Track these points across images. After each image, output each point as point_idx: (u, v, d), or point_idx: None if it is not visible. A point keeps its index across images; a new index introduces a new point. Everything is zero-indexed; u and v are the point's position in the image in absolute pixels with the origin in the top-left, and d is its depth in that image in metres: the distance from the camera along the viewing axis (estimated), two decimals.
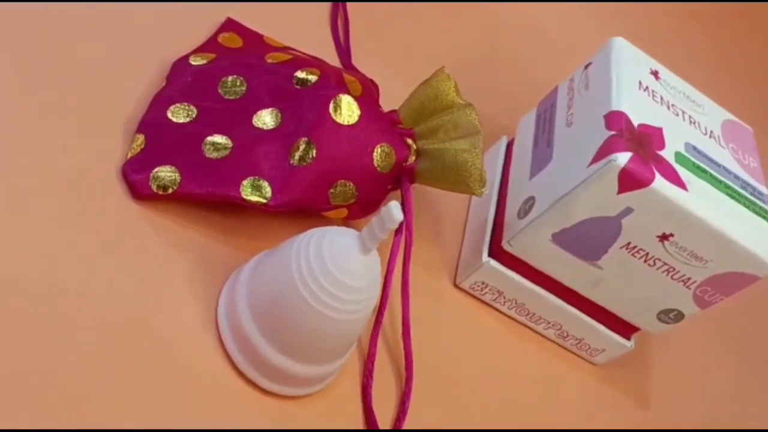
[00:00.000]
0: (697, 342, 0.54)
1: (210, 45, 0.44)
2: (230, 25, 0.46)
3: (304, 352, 0.34)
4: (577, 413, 0.45)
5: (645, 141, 0.39)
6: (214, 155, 0.37)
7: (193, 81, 0.41)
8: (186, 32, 0.45)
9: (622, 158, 0.37)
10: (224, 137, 0.38)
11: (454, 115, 0.41)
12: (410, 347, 0.39)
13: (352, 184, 0.38)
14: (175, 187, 0.37)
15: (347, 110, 0.38)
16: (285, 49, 0.46)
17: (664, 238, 0.39)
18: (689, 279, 0.41)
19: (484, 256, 0.44)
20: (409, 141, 0.41)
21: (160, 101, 0.40)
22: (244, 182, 0.37)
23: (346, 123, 0.38)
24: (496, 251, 0.44)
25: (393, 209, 0.30)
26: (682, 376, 0.51)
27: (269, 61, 0.41)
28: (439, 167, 0.40)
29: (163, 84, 0.41)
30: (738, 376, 0.54)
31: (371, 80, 0.47)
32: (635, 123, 0.39)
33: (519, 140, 0.49)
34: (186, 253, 0.37)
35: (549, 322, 0.46)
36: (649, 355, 0.51)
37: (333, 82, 0.39)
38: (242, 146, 0.38)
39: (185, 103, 0.39)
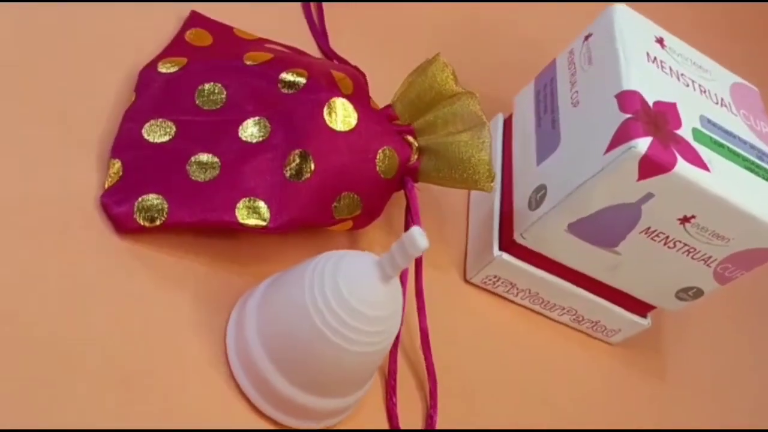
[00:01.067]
0: (711, 313, 0.53)
1: (177, 46, 0.40)
2: (195, 19, 0.42)
3: (323, 386, 0.32)
4: (600, 396, 0.43)
5: (661, 121, 0.36)
6: (201, 177, 0.34)
7: (166, 92, 0.37)
8: (148, 33, 0.41)
9: (642, 144, 0.35)
10: (209, 155, 0.35)
11: (454, 106, 0.38)
12: (431, 358, 0.37)
13: (356, 195, 0.35)
14: (163, 218, 0.33)
15: (343, 115, 0.35)
16: (259, 42, 0.42)
17: (685, 220, 0.37)
18: (710, 258, 0.39)
19: (495, 251, 0.41)
20: (410, 138, 0.38)
21: (132, 118, 0.36)
22: (239, 204, 0.34)
23: (343, 129, 0.35)
24: (507, 244, 0.42)
25: (417, 237, 0.27)
26: (698, 349, 0.50)
27: (248, 62, 0.37)
28: (443, 164, 0.37)
29: (133, 98, 0.37)
30: (755, 346, 0.53)
31: (357, 70, 0.44)
32: (650, 102, 0.37)
33: (518, 119, 0.46)
34: (183, 287, 0.34)
35: (564, 308, 0.44)
36: (664, 330, 0.50)
37: (323, 82, 0.36)
38: (231, 163, 0.34)
39: (160, 119, 0.36)
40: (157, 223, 0.33)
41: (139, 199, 0.33)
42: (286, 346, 0.31)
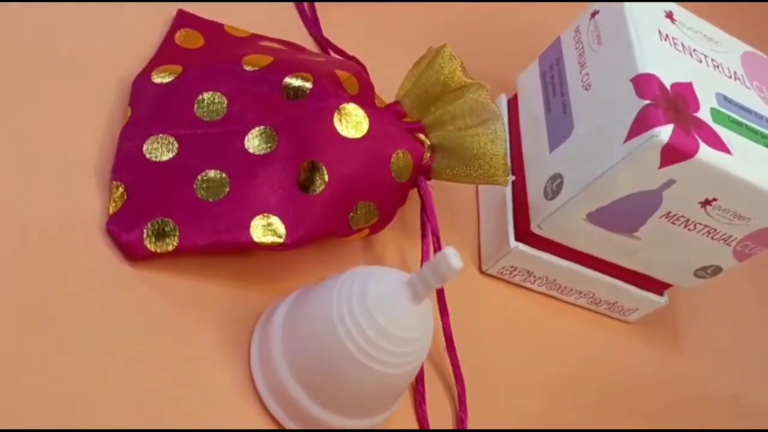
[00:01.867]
0: (725, 286, 0.53)
1: (168, 50, 0.38)
2: (183, 19, 0.40)
3: (350, 407, 0.31)
4: (623, 374, 0.43)
5: (681, 104, 0.35)
6: (211, 197, 0.32)
7: (163, 104, 0.35)
8: (134, 37, 0.39)
9: (665, 133, 0.33)
10: (216, 171, 0.33)
11: (465, 99, 0.36)
12: (458, 362, 0.37)
13: (372, 203, 0.34)
14: (175, 243, 0.32)
15: (354, 121, 0.33)
16: (253, 40, 0.40)
17: (706, 203, 0.36)
18: (730, 237, 0.39)
19: (512, 242, 0.41)
20: (422, 137, 0.36)
21: (130, 136, 0.34)
22: (253, 223, 0.32)
23: (355, 136, 0.33)
24: (523, 234, 0.41)
25: (451, 258, 0.26)
26: (714, 321, 0.50)
27: (248, 68, 0.35)
28: (457, 161, 0.36)
29: (129, 112, 0.35)
30: None
31: (356, 61, 0.42)
32: (667, 84, 0.35)
33: (524, 101, 0.45)
34: (201, 311, 0.32)
35: (581, 292, 0.44)
36: (678, 304, 0.49)
37: (329, 86, 0.34)
38: (240, 179, 0.33)
39: (161, 135, 0.34)
40: (170, 248, 0.32)
41: (148, 224, 0.32)
42: (312, 367, 0.30)
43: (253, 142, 0.34)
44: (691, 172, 0.35)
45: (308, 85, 0.34)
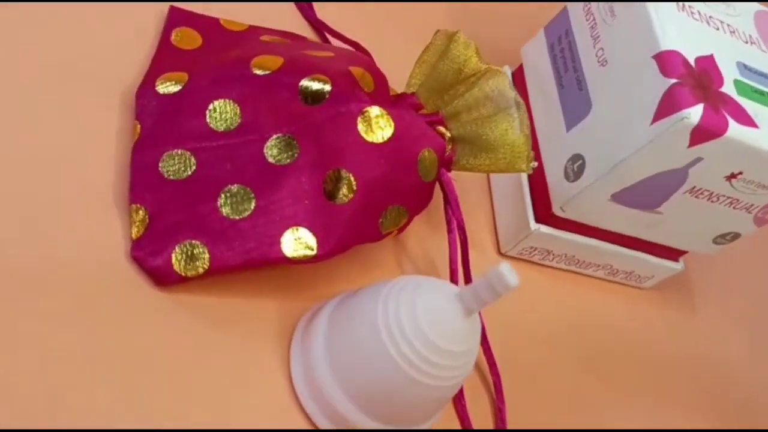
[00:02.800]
0: (737, 247, 0.53)
1: (165, 53, 0.36)
2: (177, 17, 0.38)
3: (394, 416, 0.31)
4: (645, 340, 0.44)
5: (706, 81, 0.34)
6: (237, 214, 0.31)
7: (173, 116, 0.33)
8: (127, 39, 0.36)
9: (695, 114, 0.33)
10: (239, 185, 0.32)
11: (483, 86, 0.35)
12: (491, 353, 0.36)
13: (401, 206, 0.33)
14: (206, 265, 0.31)
15: (379, 125, 0.32)
16: (252, 34, 0.38)
17: (732, 177, 0.36)
18: (752, 205, 0.39)
19: (532, 225, 0.40)
20: (442, 129, 0.35)
21: (143, 153, 0.32)
22: (284, 238, 0.31)
23: (380, 141, 0.32)
24: (543, 216, 0.40)
25: (506, 274, 0.25)
26: (727, 284, 0.51)
27: (258, 71, 0.33)
28: (479, 152, 0.35)
29: (137, 127, 0.33)
30: None
31: (361, 48, 0.40)
32: (690, 60, 0.35)
33: (531, 75, 0.44)
34: (237, 328, 0.32)
35: (599, 265, 0.44)
36: (691, 268, 0.50)
37: (348, 87, 0.33)
38: (264, 192, 0.32)
39: (175, 150, 0.32)
40: (200, 271, 0.31)
41: (176, 248, 0.31)
42: (358, 379, 0.30)
43: (272, 151, 0.32)
44: (719, 150, 0.34)
45: (327, 87, 0.32)
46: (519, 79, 0.45)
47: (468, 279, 0.36)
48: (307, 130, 0.32)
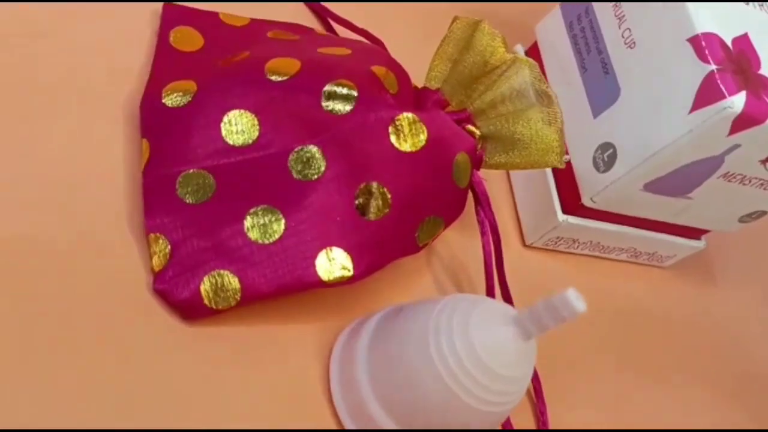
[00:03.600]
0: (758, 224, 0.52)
1: (166, 56, 0.33)
2: (173, 15, 0.35)
3: None
4: (670, 317, 0.43)
5: (745, 64, 0.33)
6: (267, 239, 0.29)
7: (185, 132, 0.31)
8: (122, 42, 0.33)
9: (738, 102, 0.31)
10: (265, 206, 0.30)
11: (511, 79, 0.33)
12: None
13: (438, 217, 0.31)
14: (237, 297, 0.29)
15: (412, 132, 0.30)
16: (254, 27, 0.36)
17: (767, 160, 0.35)
18: None
19: (560, 216, 0.39)
20: (471, 128, 0.33)
21: (157, 174, 0.30)
22: (318, 261, 0.29)
23: (414, 149, 0.30)
24: (571, 206, 0.39)
25: (573, 301, 0.24)
26: (746, 259, 0.50)
27: (274, 78, 0.31)
28: (511, 149, 0.33)
29: (145, 146, 0.30)
30: None
31: (375, 39, 0.38)
32: (728, 43, 0.33)
33: (549, 56, 0.41)
34: (273, 357, 0.30)
35: (623, 249, 0.42)
36: (710, 243, 0.49)
37: (374, 91, 0.30)
38: (293, 211, 0.30)
39: (192, 170, 0.30)
40: (233, 303, 0.29)
41: (204, 279, 0.28)
42: (402, 396, 0.28)
43: (297, 165, 0.30)
44: (759, 136, 0.33)
45: (353, 93, 0.30)
46: (534, 58, 0.43)
47: (503, 283, 0.35)
48: (333, 140, 0.30)
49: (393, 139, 0.30)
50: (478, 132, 0.33)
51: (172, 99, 0.31)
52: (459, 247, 0.37)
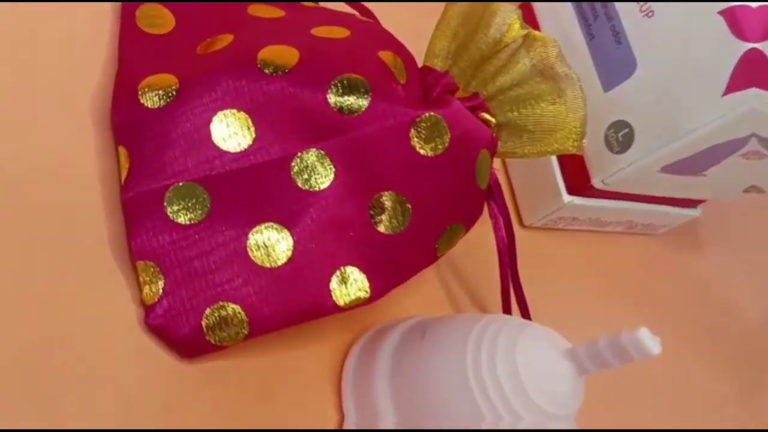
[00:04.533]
0: None
1: (134, 42, 0.28)
2: None
3: None
4: (666, 281, 0.43)
5: None
6: (273, 262, 0.26)
7: (170, 138, 0.26)
8: (79, 26, 0.28)
9: None
10: (270, 223, 0.26)
11: (526, 59, 0.30)
12: None
13: (461, 224, 0.28)
14: (245, 331, 0.25)
15: (435, 134, 0.26)
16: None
17: None
18: None
19: (565, 197, 0.36)
20: (486, 116, 0.30)
21: (140, 189, 0.26)
22: (332, 284, 0.26)
23: (435, 153, 0.27)
24: (576, 187, 0.36)
25: (647, 342, 0.22)
26: (736, 225, 0.49)
27: (268, 70, 0.26)
28: (529, 138, 0.30)
29: (123, 155, 0.26)
30: None
31: (368, 13, 0.34)
32: (761, 14, 0.30)
33: (548, 20, 0.38)
34: (284, 393, 0.27)
35: (619, 222, 0.41)
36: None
37: (385, 83, 0.26)
38: (302, 228, 0.26)
39: (183, 183, 0.26)
40: (240, 337, 0.25)
41: (206, 312, 0.25)
42: (430, 424, 0.26)
43: (302, 174, 0.26)
44: None
45: (366, 90, 0.26)
46: (527, 18, 0.39)
47: (516, 281, 0.32)
48: (344, 145, 0.26)
49: (415, 143, 0.26)
50: (493, 120, 0.30)
51: (151, 98, 0.26)
52: (468, 244, 0.34)
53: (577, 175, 0.36)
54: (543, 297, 0.35)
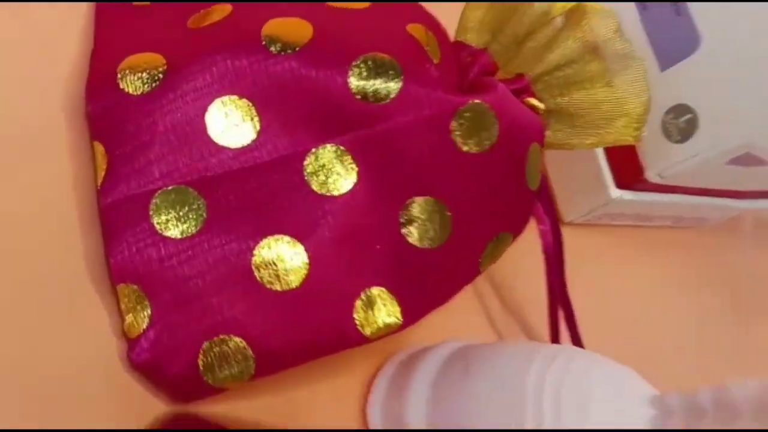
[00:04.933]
0: None
1: (112, 12, 0.24)
2: None
3: None
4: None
5: None
6: (285, 285, 0.21)
7: (155, 129, 0.21)
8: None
9: None
10: (276, 236, 0.21)
11: (578, 34, 0.25)
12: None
13: (510, 233, 0.24)
14: (251, 370, 0.21)
15: (481, 127, 0.22)
16: None
17: None
18: None
19: (612, 192, 0.32)
20: (534, 102, 0.25)
21: (120, 194, 0.21)
22: (357, 308, 0.21)
23: (481, 149, 0.22)
24: (625, 179, 0.32)
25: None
26: None
27: (274, 49, 0.22)
28: (584, 128, 0.26)
29: (99, 152, 0.21)
30: None
31: None
32: None
33: None
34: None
35: (667, 217, 0.36)
36: None
37: (418, 66, 0.22)
38: (315, 239, 0.21)
39: (171, 186, 0.21)
40: (246, 378, 0.21)
41: (204, 346, 0.20)
42: None
43: (318, 175, 0.21)
44: None
45: (396, 72, 0.21)
46: None
47: (565, 295, 0.28)
48: (367, 138, 0.22)
49: (456, 137, 0.21)
50: (542, 106, 0.25)
51: (133, 82, 0.21)
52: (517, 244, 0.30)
53: (626, 166, 0.31)
54: (591, 300, 0.30)
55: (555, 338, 0.27)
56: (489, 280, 0.30)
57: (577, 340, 0.28)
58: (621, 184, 0.32)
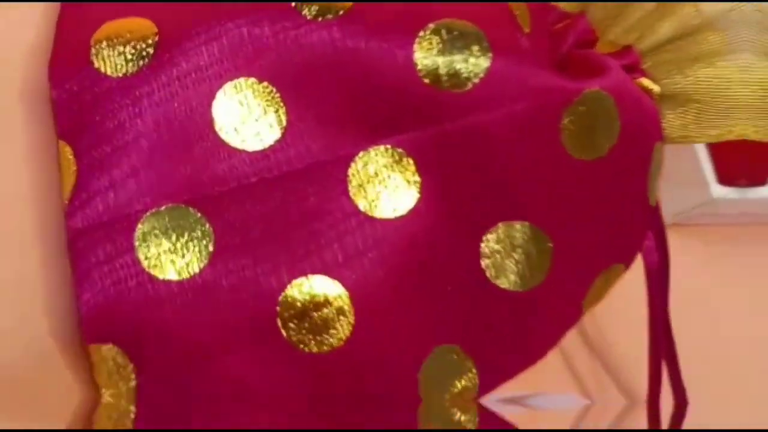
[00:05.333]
0: None
1: None
2: None
3: None
4: None
5: None
6: (323, 346, 0.15)
7: (144, 128, 0.15)
8: None
9: None
10: (309, 276, 0.15)
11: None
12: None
13: (620, 263, 0.18)
14: None
15: (600, 123, 0.16)
16: None
17: None
18: None
19: (714, 190, 0.26)
20: (646, 83, 0.19)
21: (95, 222, 0.15)
22: (420, 384, 0.16)
23: (599, 155, 0.16)
24: (728, 174, 0.26)
25: None
26: None
27: (308, 13, 0.16)
28: (710, 117, 0.20)
29: (66, 156, 0.15)
30: None
31: None
32: None
33: None
34: None
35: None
36: None
37: (507, 37, 0.16)
38: (361, 281, 0.15)
39: (169, 204, 0.15)
40: None
41: None
42: None
43: (367, 189, 0.16)
44: None
45: (480, 45, 0.15)
46: None
47: (671, 349, 0.22)
48: (436, 140, 0.16)
49: (565, 138, 0.15)
50: (657, 89, 0.19)
51: (112, 58, 0.16)
52: None
53: (726, 158, 0.26)
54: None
55: (655, 388, 0.21)
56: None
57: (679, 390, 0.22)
58: (722, 179, 0.26)
